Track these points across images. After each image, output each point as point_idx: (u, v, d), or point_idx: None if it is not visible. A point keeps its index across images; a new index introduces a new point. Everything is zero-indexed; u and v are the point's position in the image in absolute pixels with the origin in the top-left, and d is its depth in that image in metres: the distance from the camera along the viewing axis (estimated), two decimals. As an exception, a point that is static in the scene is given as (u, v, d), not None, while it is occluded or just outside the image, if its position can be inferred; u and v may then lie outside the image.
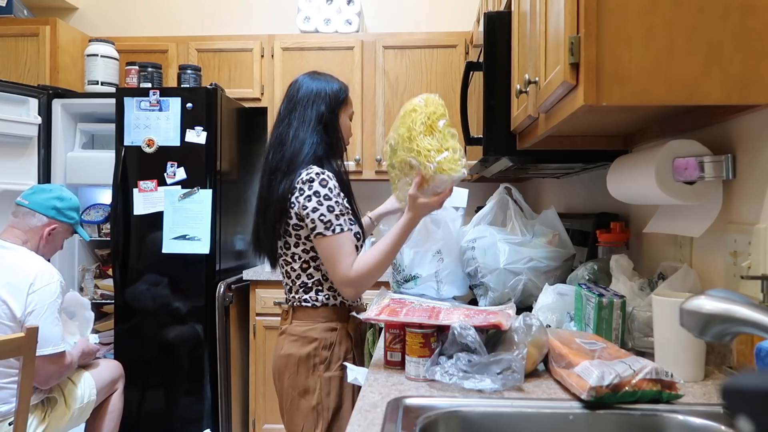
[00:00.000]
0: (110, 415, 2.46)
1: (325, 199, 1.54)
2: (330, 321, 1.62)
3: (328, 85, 1.70)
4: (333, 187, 1.56)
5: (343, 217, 1.56)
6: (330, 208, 1.54)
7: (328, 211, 1.54)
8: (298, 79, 1.72)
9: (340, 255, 1.54)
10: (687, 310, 0.79)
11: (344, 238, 1.55)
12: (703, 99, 1.00)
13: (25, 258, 2.14)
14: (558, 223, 1.89)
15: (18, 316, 2.00)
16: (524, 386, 1.10)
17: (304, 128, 1.63)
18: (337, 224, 1.54)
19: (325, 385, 1.60)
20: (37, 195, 2.28)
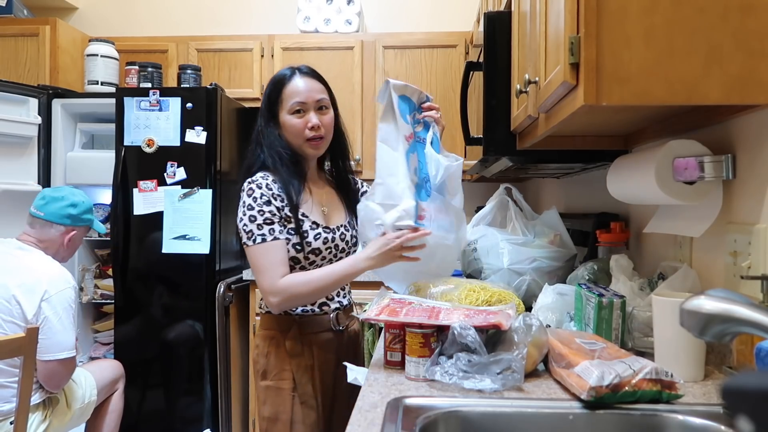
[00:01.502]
0: (110, 414, 2.46)
1: (248, 208, 1.50)
2: (269, 329, 1.60)
3: (266, 88, 1.62)
4: (258, 195, 1.50)
5: (268, 226, 1.49)
6: (251, 217, 1.49)
7: (250, 221, 1.49)
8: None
9: (260, 266, 1.48)
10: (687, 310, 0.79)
11: (264, 249, 1.48)
12: (703, 99, 1.00)
13: (40, 262, 2.15)
14: (559, 223, 1.89)
15: (29, 318, 2.01)
16: (524, 386, 1.10)
17: (252, 145, 1.62)
18: (258, 234, 1.48)
19: (262, 394, 1.58)
20: (51, 205, 2.25)
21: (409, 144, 1.55)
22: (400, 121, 1.54)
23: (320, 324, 1.61)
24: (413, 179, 1.54)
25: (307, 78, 1.60)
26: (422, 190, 1.56)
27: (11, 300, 2.01)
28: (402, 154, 1.53)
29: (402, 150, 1.53)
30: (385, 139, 1.54)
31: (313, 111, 1.57)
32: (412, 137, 1.57)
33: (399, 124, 1.54)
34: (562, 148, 1.59)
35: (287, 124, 1.58)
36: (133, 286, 2.98)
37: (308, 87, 1.58)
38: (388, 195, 1.52)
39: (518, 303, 1.53)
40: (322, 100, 1.60)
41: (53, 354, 2.02)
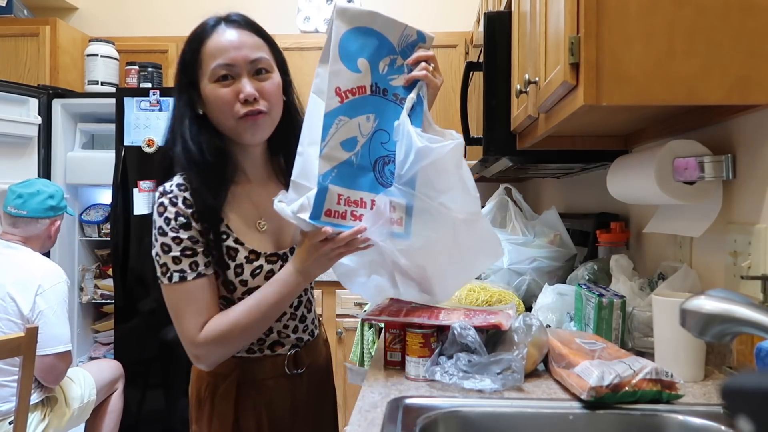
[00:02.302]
0: (110, 414, 2.46)
1: (160, 233, 1.09)
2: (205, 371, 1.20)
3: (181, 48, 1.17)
4: (173, 215, 1.09)
5: (188, 259, 1.08)
6: (165, 247, 1.09)
7: (163, 251, 1.09)
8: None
9: (178, 312, 1.10)
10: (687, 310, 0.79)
11: (183, 292, 1.09)
12: (703, 99, 1.00)
13: (31, 258, 2.16)
14: (559, 223, 1.89)
15: (25, 314, 2.03)
16: (524, 386, 1.10)
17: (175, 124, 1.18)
18: (174, 270, 1.08)
19: None
20: (31, 201, 2.24)
21: (352, 98, 1.06)
22: (338, 63, 1.04)
23: (273, 369, 1.21)
24: (338, 153, 1.04)
25: (238, 29, 1.13)
26: (368, 173, 1.08)
27: (6, 297, 2.02)
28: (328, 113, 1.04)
29: (333, 107, 1.04)
30: (320, 90, 1.06)
31: (247, 76, 1.11)
32: (367, 90, 1.08)
33: (337, 68, 1.04)
34: (562, 148, 1.59)
35: (210, 96, 1.11)
36: (133, 286, 2.98)
37: (238, 42, 1.11)
38: (304, 172, 1.06)
39: (518, 303, 1.53)
40: (259, 61, 1.12)
41: (50, 348, 2.03)
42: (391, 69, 1.11)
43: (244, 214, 1.17)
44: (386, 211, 1.08)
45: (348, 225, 1.05)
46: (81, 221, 3.41)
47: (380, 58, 1.10)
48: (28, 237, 2.24)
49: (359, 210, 1.07)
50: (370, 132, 1.09)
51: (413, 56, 1.14)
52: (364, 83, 1.08)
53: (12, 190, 2.27)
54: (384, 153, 1.10)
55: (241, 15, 1.17)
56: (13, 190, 2.28)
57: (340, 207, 1.05)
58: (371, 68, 1.08)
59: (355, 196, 1.07)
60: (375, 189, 1.09)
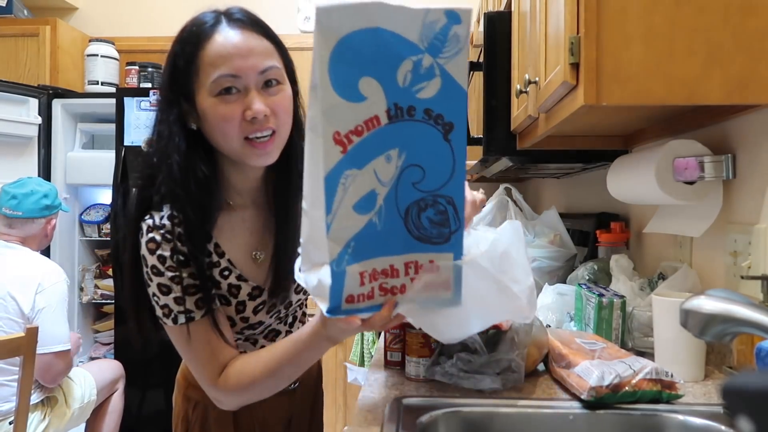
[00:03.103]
0: (110, 415, 2.46)
1: (155, 273, 0.95)
2: (195, 387, 1.09)
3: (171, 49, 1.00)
4: (168, 254, 0.94)
5: (191, 297, 0.96)
6: (163, 288, 0.95)
7: (161, 293, 0.96)
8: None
9: (191, 355, 1.00)
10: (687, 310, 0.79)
11: (194, 333, 0.97)
12: (703, 99, 1.00)
13: (30, 257, 2.17)
14: (559, 223, 1.89)
15: (26, 313, 2.03)
16: (524, 386, 1.10)
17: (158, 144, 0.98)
18: (179, 312, 0.96)
19: None
20: (25, 202, 2.24)
21: (359, 140, 0.72)
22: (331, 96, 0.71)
23: None
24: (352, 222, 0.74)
25: (243, 30, 0.94)
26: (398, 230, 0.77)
27: (6, 297, 2.02)
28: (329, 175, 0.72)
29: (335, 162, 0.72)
30: (316, 127, 0.72)
31: (255, 90, 0.93)
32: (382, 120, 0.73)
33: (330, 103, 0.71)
34: (562, 148, 1.59)
35: (209, 113, 0.93)
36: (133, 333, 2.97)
37: (245, 47, 0.93)
38: (312, 239, 0.78)
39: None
40: (270, 71, 0.94)
41: (48, 347, 2.02)
42: (416, 76, 0.74)
43: (242, 244, 1.03)
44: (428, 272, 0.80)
45: (377, 304, 0.80)
46: (81, 221, 3.41)
47: (397, 66, 0.73)
48: (26, 237, 2.24)
49: (390, 281, 0.79)
50: (395, 175, 0.75)
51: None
52: (376, 112, 0.73)
53: (5, 191, 2.26)
54: (418, 197, 0.77)
55: (245, 11, 0.97)
56: (6, 191, 2.27)
57: (364, 288, 0.78)
58: (384, 87, 0.73)
59: (382, 265, 0.78)
60: (410, 247, 0.79)
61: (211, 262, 1.00)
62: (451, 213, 0.79)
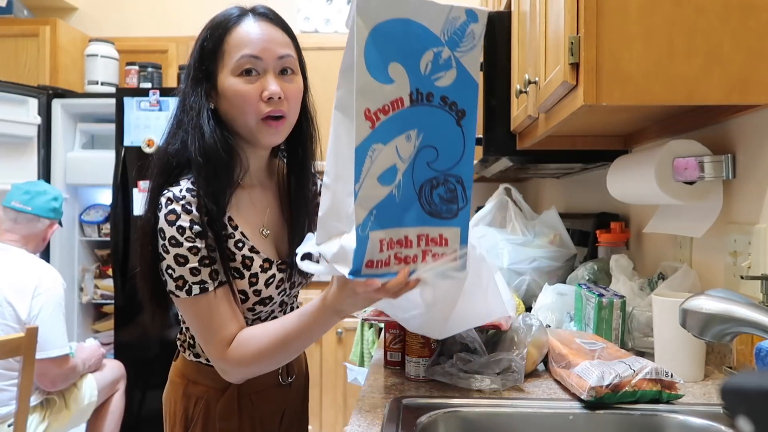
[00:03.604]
0: (111, 415, 2.46)
1: (173, 244, 1.00)
2: (197, 384, 1.15)
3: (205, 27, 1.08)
4: (187, 225, 1.00)
5: (207, 268, 1.01)
6: (180, 259, 1.00)
7: (177, 264, 1.00)
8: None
9: (202, 327, 1.03)
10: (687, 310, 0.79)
11: (205, 304, 1.01)
12: (703, 99, 1.00)
13: (27, 260, 2.15)
14: (559, 223, 1.89)
15: (23, 319, 2.00)
16: (524, 386, 1.10)
17: (173, 120, 1.07)
18: (193, 283, 1.01)
19: None
20: (37, 199, 2.25)
21: (385, 118, 0.82)
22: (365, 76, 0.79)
23: (266, 379, 1.14)
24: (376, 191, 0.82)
25: (266, 23, 1.05)
26: (413, 204, 0.87)
27: (3, 303, 2.00)
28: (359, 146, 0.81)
29: (365, 136, 0.81)
30: (345, 107, 0.84)
31: (273, 73, 1.03)
32: (405, 103, 0.83)
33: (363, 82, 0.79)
34: (562, 148, 1.59)
35: (230, 91, 1.02)
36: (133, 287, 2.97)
37: (268, 35, 1.04)
38: (335, 211, 0.87)
39: (518, 303, 1.53)
40: (286, 59, 1.05)
41: (45, 352, 2.00)
42: (435, 66, 0.84)
43: (251, 219, 1.09)
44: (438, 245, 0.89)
45: (392, 272, 0.86)
46: (81, 221, 3.41)
47: (420, 55, 0.83)
48: (27, 236, 2.23)
49: (404, 251, 0.87)
50: (413, 153, 0.85)
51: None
52: (401, 94, 0.83)
53: (18, 187, 2.29)
54: (431, 175, 0.88)
55: (269, 8, 1.09)
56: (18, 186, 2.29)
57: (383, 255, 0.85)
58: (408, 73, 0.83)
59: (398, 236, 0.86)
60: (422, 221, 0.88)
61: (225, 234, 1.05)
62: (460, 191, 0.90)
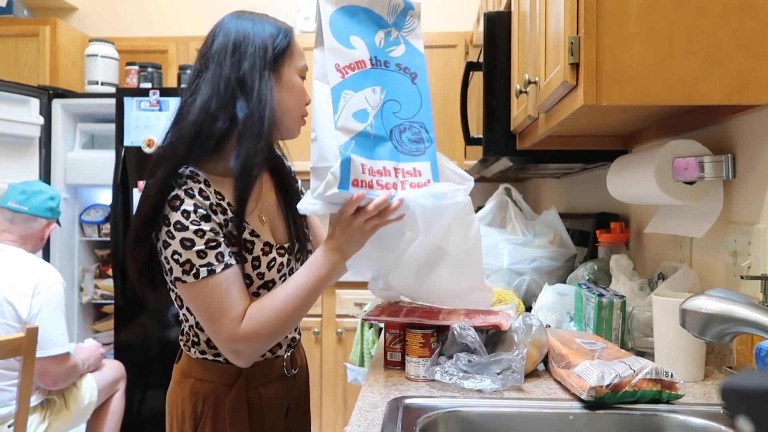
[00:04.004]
0: (111, 415, 2.46)
1: (178, 228, 1.03)
2: (204, 381, 1.16)
3: (255, 28, 1.12)
4: (191, 209, 1.04)
5: (213, 251, 1.04)
6: (186, 242, 1.03)
7: (184, 248, 1.03)
8: (218, 23, 1.17)
9: (211, 310, 1.05)
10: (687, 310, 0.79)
11: (214, 286, 1.04)
12: (703, 99, 1.00)
13: (26, 260, 2.15)
14: (559, 223, 1.89)
15: (24, 318, 2.00)
16: (524, 386, 1.10)
17: (215, 98, 1.07)
18: (200, 266, 1.03)
19: None
20: (33, 199, 2.24)
21: (352, 73, 1.08)
22: (332, 41, 1.08)
23: (272, 372, 1.19)
24: (352, 124, 1.05)
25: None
26: (386, 143, 1.08)
27: (3, 302, 1.99)
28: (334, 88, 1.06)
29: (337, 82, 1.06)
30: (322, 75, 1.09)
31: None
32: (367, 65, 1.10)
33: (331, 45, 1.08)
34: (562, 148, 1.59)
35: (293, 84, 1.13)
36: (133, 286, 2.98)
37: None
38: (322, 155, 1.08)
39: (518, 303, 1.53)
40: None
41: (45, 351, 2.00)
42: (387, 41, 1.13)
43: (250, 205, 1.11)
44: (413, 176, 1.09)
45: (376, 194, 1.04)
46: (81, 221, 3.41)
47: (374, 33, 1.12)
48: (24, 236, 2.22)
49: (384, 179, 1.07)
50: (380, 103, 1.09)
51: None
52: (362, 58, 1.09)
53: (14, 187, 2.27)
54: (398, 122, 1.10)
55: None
56: (15, 186, 2.27)
57: (365, 176, 1.04)
58: (366, 44, 1.10)
59: (377, 166, 1.06)
60: (396, 157, 1.09)
61: (226, 219, 1.09)
62: (424, 134, 1.13)
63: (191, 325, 1.17)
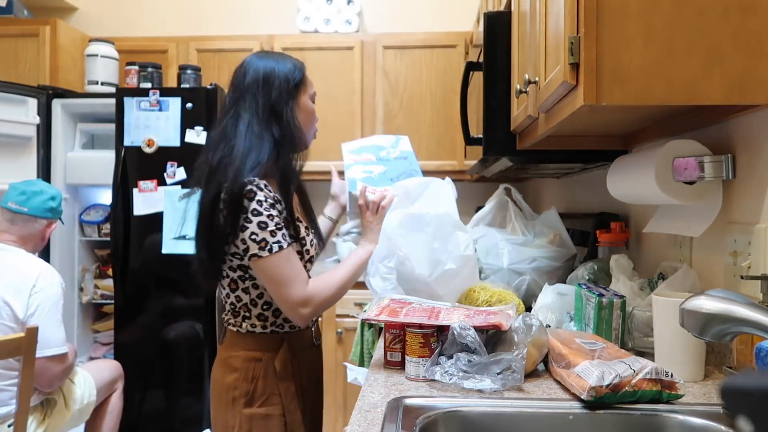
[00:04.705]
0: (110, 415, 2.46)
1: (254, 214, 1.30)
2: (253, 350, 1.40)
3: (279, 65, 1.44)
4: (263, 198, 1.32)
5: (280, 231, 1.33)
6: (262, 224, 1.30)
7: (260, 229, 1.30)
8: (244, 62, 1.47)
9: (285, 276, 1.32)
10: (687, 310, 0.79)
11: (285, 257, 1.32)
12: (703, 99, 1.00)
13: (25, 259, 2.14)
14: (559, 223, 1.89)
15: (20, 318, 2.00)
16: (524, 386, 1.10)
17: (256, 121, 1.38)
18: (273, 242, 1.31)
19: (245, 423, 1.38)
20: (33, 199, 2.23)
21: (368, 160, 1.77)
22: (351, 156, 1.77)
23: (304, 340, 1.48)
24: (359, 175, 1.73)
25: None
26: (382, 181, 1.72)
27: (0, 302, 2.00)
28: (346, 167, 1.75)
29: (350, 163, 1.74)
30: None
31: None
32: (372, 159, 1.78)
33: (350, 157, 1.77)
34: (562, 148, 1.59)
35: (308, 107, 1.47)
36: (133, 287, 2.98)
37: None
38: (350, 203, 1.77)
39: (518, 303, 1.53)
40: None
41: (41, 351, 1.98)
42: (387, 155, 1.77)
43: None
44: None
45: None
46: (81, 221, 3.41)
47: (379, 152, 1.77)
48: (24, 236, 2.22)
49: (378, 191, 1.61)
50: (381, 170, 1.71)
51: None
52: (371, 157, 1.75)
53: (14, 187, 2.26)
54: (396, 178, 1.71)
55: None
56: (15, 186, 2.26)
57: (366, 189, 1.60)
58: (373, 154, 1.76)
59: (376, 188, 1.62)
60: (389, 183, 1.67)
61: (281, 208, 1.37)
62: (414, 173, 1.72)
63: (245, 303, 1.40)
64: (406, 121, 3.44)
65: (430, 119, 3.44)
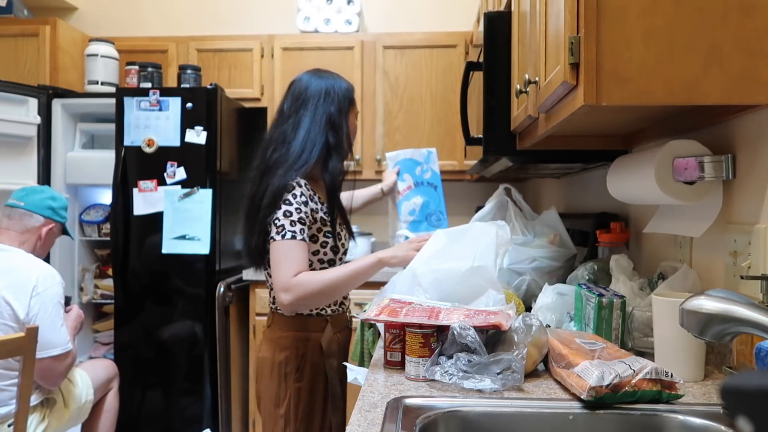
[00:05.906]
0: (106, 414, 2.46)
1: (285, 203, 1.50)
2: (302, 331, 1.61)
3: (336, 83, 1.65)
4: (299, 194, 1.52)
5: (300, 225, 1.50)
6: (287, 213, 1.50)
7: (284, 216, 1.49)
8: (303, 77, 1.66)
9: (280, 260, 1.47)
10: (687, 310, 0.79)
11: (290, 246, 1.48)
12: (703, 99, 1.00)
13: (25, 260, 2.14)
14: (559, 223, 1.89)
15: (21, 318, 2.00)
16: (524, 386, 1.10)
17: (315, 128, 1.59)
18: (289, 230, 1.48)
19: (294, 395, 1.59)
20: (31, 196, 2.25)
21: (407, 192, 2.11)
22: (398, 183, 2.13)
23: (343, 322, 1.71)
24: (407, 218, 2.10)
25: None
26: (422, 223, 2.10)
27: (0, 302, 1.99)
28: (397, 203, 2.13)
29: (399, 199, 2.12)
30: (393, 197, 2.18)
31: None
32: (411, 187, 2.11)
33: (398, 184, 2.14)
34: (562, 148, 1.59)
35: (354, 122, 1.70)
36: (133, 286, 2.98)
37: None
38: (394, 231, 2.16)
39: (518, 303, 1.53)
40: None
41: (46, 351, 2.00)
42: (422, 172, 2.14)
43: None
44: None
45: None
46: (81, 221, 3.41)
47: (414, 168, 2.13)
48: (22, 232, 2.21)
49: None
50: (420, 204, 2.10)
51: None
52: (410, 184, 2.12)
53: (19, 189, 2.30)
54: (429, 211, 2.11)
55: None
56: (20, 189, 2.31)
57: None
58: (411, 176, 2.13)
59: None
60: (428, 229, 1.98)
61: (318, 207, 1.58)
62: (442, 216, 2.13)
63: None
64: (406, 121, 3.45)
65: (430, 119, 3.44)
